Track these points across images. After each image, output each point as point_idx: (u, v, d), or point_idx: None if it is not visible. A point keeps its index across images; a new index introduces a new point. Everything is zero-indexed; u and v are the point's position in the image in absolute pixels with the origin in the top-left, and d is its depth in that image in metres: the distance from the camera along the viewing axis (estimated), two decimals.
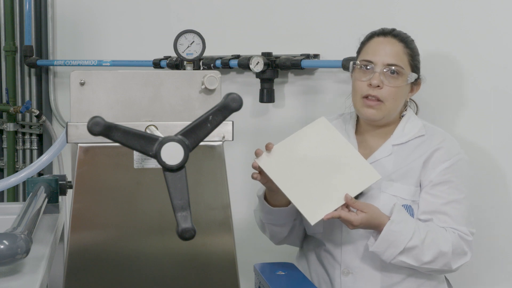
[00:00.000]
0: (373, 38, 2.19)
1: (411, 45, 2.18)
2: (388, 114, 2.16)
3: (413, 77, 2.15)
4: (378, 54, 2.14)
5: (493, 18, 2.45)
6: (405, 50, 2.15)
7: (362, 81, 2.14)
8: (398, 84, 2.12)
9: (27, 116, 3.78)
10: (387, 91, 2.12)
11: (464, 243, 2.07)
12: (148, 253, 1.59)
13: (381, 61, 2.13)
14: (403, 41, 2.16)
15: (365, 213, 2.00)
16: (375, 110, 2.14)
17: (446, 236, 2.05)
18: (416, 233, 2.02)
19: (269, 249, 2.67)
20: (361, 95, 2.14)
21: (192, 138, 1.29)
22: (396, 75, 2.12)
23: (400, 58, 2.14)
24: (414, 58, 2.17)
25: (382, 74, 2.12)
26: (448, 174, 2.11)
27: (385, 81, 2.12)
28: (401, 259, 2.04)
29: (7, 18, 3.72)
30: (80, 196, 1.57)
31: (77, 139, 1.57)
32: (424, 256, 2.03)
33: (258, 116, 2.98)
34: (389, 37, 2.16)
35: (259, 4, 2.99)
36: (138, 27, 3.37)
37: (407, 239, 2.01)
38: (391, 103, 2.13)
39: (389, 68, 2.12)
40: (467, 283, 2.50)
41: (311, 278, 2.23)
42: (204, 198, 1.60)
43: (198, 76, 1.64)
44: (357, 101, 2.17)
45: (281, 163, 2.05)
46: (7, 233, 1.39)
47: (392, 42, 2.15)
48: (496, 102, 2.45)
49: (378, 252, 2.05)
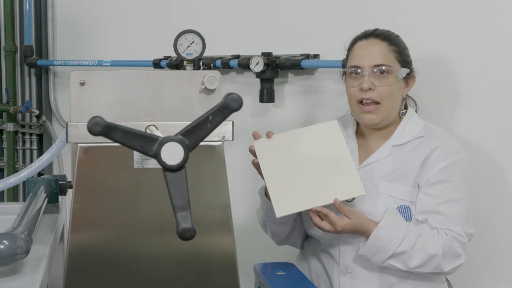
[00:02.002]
0: (356, 43, 2.20)
1: (396, 41, 2.18)
2: (387, 115, 2.16)
3: (404, 72, 2.15)
4: (364, 58, 2.15)
5: (493, 18, 2.45)
6: (390, 47, 2.16)
7: (353, 87, 2.15)
8: (389, 83, 2.13)
9: (27, 116, 3.78)
10: (381, 91, 2.12)
11: (458, 244, 2.05)
12: (148, 253, 1.59)
13: (367, 64, 2.13)
14: (386, 39, 2.16)
15: (350, 220, 2.02)
16: (373, 115, 2.14)
17: (436, 239, 2.04)
18: (406, 238, 2.02)
19: (269, 249, 2.67)
20: (356, 100, 2.15)
21: (192, 138, 1.29)
22: (386, 74, 2.13)
23: (386, 56, 2.14)
24: (402, 53, 2.17)
25: (372, 76, 2.12)
26: (446, 173, 2.10)
27: (375, 82, 2.12)
28: (390, 263, 2.05)
29: (7, 18, 3.72)
30: (80, 196, 1.57)
31: (77, 139, 1.57)
32: (412, 262, 2.03)
33: (258, 116, 2.98)
34: (371, 39, 2.17)
35: (259, 4, 2.99)
36: (138, 27, 3.37)
37: (395, 245, 2.02)
38: (388, 102, 2.14)
39: (378, 69, 2.12)
40: (468, 283, 2.49)
41: (311, 278, 2.23)
42: (204, 198, 1.60)
43: (198, 76, 1.64)
44: (354, 108, 2.18)
45: (274, 152, 2.07)
46: (7, 233, 1.39)
47: (375, 43, 2.16)
48: (495, 102, 2.45)
49: (367, 256, 2.06)
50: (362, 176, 2.15)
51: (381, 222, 2.03)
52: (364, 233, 2.05)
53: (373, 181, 2.14)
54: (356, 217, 2.03)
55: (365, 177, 2.15)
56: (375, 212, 2.09)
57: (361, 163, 2.20)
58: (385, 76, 2.13)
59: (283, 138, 2.10)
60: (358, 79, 2.14)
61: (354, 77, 2.15)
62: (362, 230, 2.04)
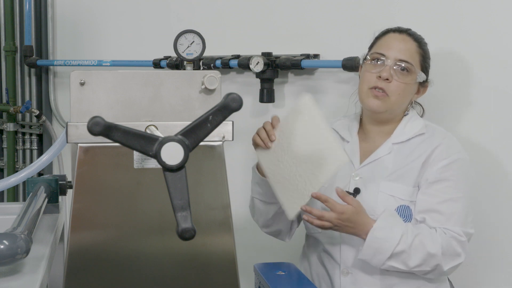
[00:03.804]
0: (389, 33, 2.21)
1: (424, 47, 2.21)
2: (391, 109, 2.16)
3: (422, 77, 2.16)
4: (391, 49, 2.16)
5: (493, 18, 2.45)
6: (418, 49, 2.17)
7: (371, 72, 2.16)
8: (407, 81, 2.14)
9: (27, 116, 3.78)
10: (395, 85, 2.13)
11: (456, 243, 2.05)
12: (148, 253, 1.59)
13: (393, 55, 2.14)
14: (417, 41, 2.19)
15: (351, 206, 2.01)
16: (380, 101, 2.14)
17: (435, 238, 2.04)
18: (404, 237, 2.02)
19: (269, 249, 2.67)
20: (369, 86, 2.16)
21: (192, 138, 1.29)
22: (406, 72, 2.14)
23: (412, 56, 2.16)
24: (425, 60, 2.19)
25: (393, 68, 2.13)
26: (445, 173, 2.10)
27: (394, 76, 2.13)
28: (390, 264, 2.04)
29: (7, 18, 3.72)
30: (80, 196, 1.57)
31: (77, 139, 1.57)
32: (411, 261, 2.03)
33: (258, 116, 2.98)
34: (404, 35, 2.19)
35: (259, 4, 3.00)
36: (138, 27, 3.37)
37: (393, 245, 2.01)
38: (396, 98, 2.14)
39: (400, 64, 2.13)
40: (468, 283, 2.49)
41: (312, 278, 2.24)
42: (204, 198, 1.60)
43: (198, 76, 1.64)
44: (364, 92, 2.18)
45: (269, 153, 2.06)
46: (7, 233, 1.39)
47: (406, 39, 2.18)
48: (499, 103, 2.45)
49: (366, 259, 2.06)
50: (363, 175, 2.16)
51: (376, 223, 2.03)
52: (361, 229, 2.03)
53: (374, 180, 2.14)
54: (358, 205, 2.02)
55: (366, 175, 2.16)
56: (375, 211, 2.09)
57: (362, 161, 2.20)
58: (404, 73, 2.14)
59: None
60: (378, 67, 2.15)
61: (375, 64, 2.16)
62: (360, 222, 2.02)
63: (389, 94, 2.13)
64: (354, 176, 2.17)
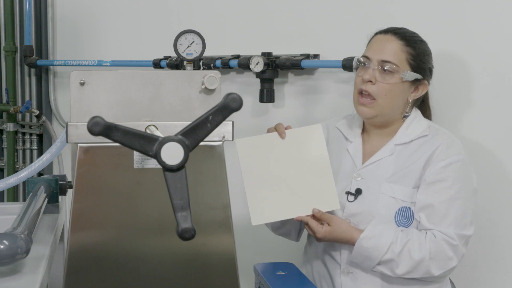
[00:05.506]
0: (376, 35, 2.22)
1: (415, 44, 2.17)
2: (382, 112, 2.16)
3: (411, 76, 2.14)
4: (375, 51, 2.16)
5: (494, 18, 2.45)
6: (405, 48, 2.15)
7: (359, 76, 2.19)
8: (391, 81, 2.13)
9: (27, 116, 3.78)
10: (379, 87, 2.13)
11: (448, 247, 2.04)
12: (148, 253, 1.58)
13: (375, 57, 2.15)
14: (404, 39, 2.16)
15: (330, 227, 2.06)
16: (367, 108, 2.15)
17: (422, 244, 2.03)
18: (392, 246, 2.03)
19: (269, 249, 2.67)
20: (357, 90, 2.18)
21: (192, 138, 1.29)
22: (389, 72, 2.13)
23: (397, 55, 2.14)
24: (417, 58, 2.15)
25: (376, 70, 2.13)
26: (443, 173, 2.10)
27: (378, 77, 2.13)
28: (379, 269, 2.07)
29: (7, 18, 3.72)
30: (80, 196, 1.57)
31: (77, 139, 1.57)
32: (399, 269, 2.04)
33: (258, 116, 2.98)
34: (388, 35, 2.17)
35: (259, 4, 3.00)
36: (138, 27, 3.37)
37: (381, 253, 2.03)
38: (383, 100, 2.14)
39: (383, 65, 2.13)
40: (469, 283, 2.49)
41: (313, 278, 2.24)
42: (204, 198, 1.60)
43: (198, 76, 1.64)
44: (354, 97, 2.20)
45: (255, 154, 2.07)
46: (7, 233, 1.39)
47: (390, 39, 2.16)
48: (499, 103, 2.45)
49: (357, 263, 2.09)
50: (365, 175, 2.16)
51: (364, 233, 2.05)
52: (348, 242, 2.07)
53: (376, 181, 2.14)
54: (337, 224, 2.06)
55: (368, 176, 2.16)
56: (375, 213, 2.09)
57: (364, 161, 2.20)
58: (387, 73, 2.13)
59: (266, 140, 2.09)
60: (364, 70, 2.16)
61: (362, 67, 2.18)
62: (344, 238, 2.07)
63: (375, 97, 2.13)
64: (356, 176, 2.18)
